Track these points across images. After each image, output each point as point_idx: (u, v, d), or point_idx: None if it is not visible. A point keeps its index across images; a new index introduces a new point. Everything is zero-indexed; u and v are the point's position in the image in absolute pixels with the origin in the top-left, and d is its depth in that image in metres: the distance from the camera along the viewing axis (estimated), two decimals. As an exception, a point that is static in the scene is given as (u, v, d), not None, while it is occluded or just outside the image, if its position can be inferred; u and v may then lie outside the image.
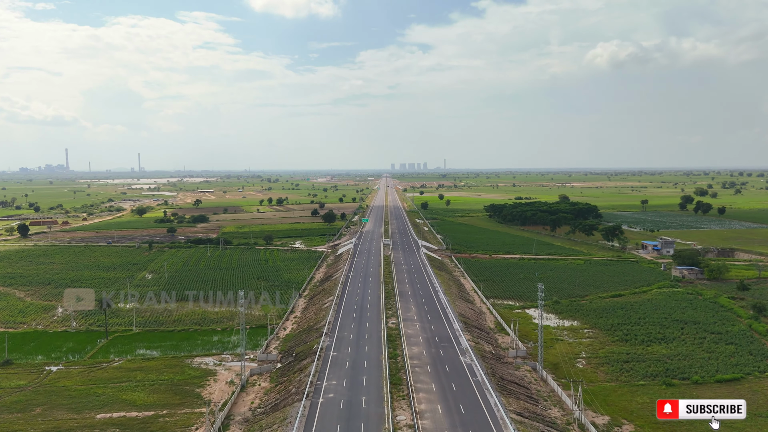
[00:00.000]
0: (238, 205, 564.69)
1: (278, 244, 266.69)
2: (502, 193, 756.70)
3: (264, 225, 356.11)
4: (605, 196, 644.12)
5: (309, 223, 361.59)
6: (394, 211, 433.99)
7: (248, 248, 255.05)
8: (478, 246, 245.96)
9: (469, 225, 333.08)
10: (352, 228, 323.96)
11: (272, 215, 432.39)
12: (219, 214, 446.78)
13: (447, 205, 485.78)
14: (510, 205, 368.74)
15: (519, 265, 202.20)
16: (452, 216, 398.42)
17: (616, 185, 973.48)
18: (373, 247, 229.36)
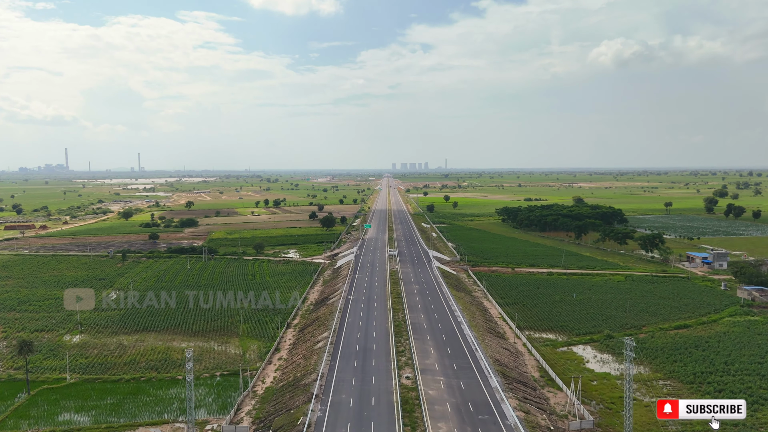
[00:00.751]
0: (232, 206, 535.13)
1: (270, 254, 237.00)
2: (509, 194, 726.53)
3: (257, 230, 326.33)
4: (618, 197, 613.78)
5: (306, 228, 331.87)
6: (398, 214, 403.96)
7: (235, 259, 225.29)
8: (496, 257, 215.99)
9: (481, 231, 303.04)
10: (353, 234, 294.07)
11: (267, 218, 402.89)
12: (210, 217, 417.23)
13: (454, 207, 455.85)
14: (525, 209, 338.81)
15: (549, 281, 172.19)
16: (461, 220, 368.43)
17: (625, 185, 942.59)
18: (377, 259, 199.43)
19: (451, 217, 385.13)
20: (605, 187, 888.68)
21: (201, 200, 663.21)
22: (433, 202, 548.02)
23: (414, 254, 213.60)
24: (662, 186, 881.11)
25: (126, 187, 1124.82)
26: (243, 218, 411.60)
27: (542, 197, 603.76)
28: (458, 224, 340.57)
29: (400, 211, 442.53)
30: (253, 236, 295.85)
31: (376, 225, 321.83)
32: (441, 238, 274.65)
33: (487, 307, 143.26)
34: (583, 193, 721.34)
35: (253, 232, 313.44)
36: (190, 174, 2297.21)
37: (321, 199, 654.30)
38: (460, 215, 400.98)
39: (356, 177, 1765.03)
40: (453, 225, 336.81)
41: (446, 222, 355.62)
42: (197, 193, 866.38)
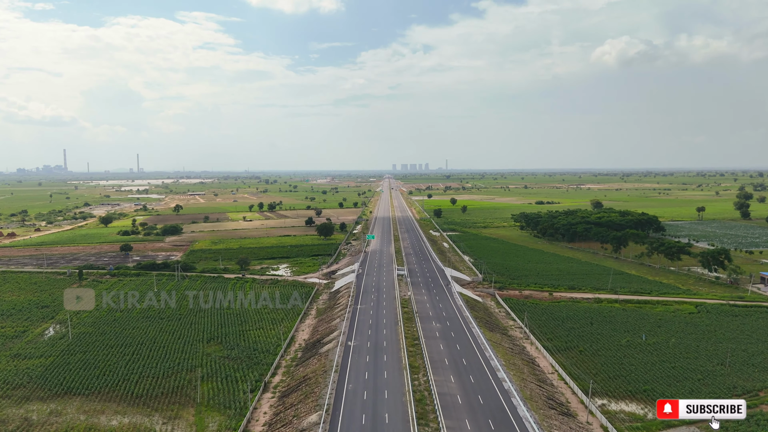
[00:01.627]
0: (224, 210, 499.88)
1: (256, 270, 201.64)
2: (516, 196, 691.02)
3: (246, 239, 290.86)
4: (635, 200, 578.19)
5: (301, 237, 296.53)
6: (404, 220, 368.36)
7: (214, 278, 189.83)
8: (525, 275, 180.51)
9: (500, 241, 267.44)
10: (354, 245, 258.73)
11: (259, 224, 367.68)
12: (198, 223, 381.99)
13: (463, 212, 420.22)
14: (547, 216, 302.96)
15: (600, 312, 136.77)
16: (474, 227, 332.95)
17: (635, 187, 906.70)
18: (383, 281, 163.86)
19: (462, 224, 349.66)
20: (615, 189, 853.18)
21: (193, 203, 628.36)
22: (440, 205, 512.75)
23: (427, 273, 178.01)
24: (674, 188, 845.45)
25: (120, 188, 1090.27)
26: (233, 224, 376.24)
27: (554, 200, 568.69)
28: (471, 232, 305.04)
29: (405, 215, 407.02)
30: (240, 247, 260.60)
31: (379, 233, 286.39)
32: (455, 250, 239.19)
33: (533, 355, 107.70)
34: (596, 195, 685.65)
35: (240, 242, 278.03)
36: (188, 175, 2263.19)
37: (320, 201, 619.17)
38: (471, 221, 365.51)
39: (356, 178, 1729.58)
40: (466, 233, 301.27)
41: (457, 229, 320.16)
42: (191, 195, 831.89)
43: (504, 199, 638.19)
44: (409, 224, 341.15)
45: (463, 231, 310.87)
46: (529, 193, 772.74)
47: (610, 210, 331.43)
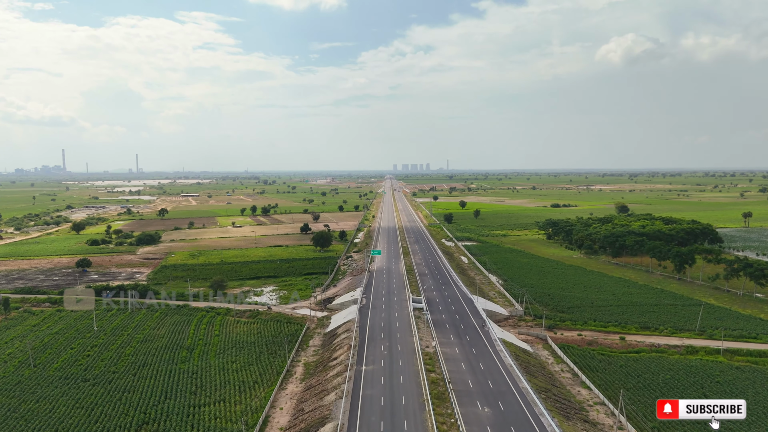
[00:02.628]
0: (214, 214, 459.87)
1: (234, 295, 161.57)
2: (527, 198, 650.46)
3: (229, 251, 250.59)
4: (657, 203, 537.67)
5: (294, 247, 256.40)
6: (411, 227, 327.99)
7: (179, 307, 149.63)
8: (577, 305, 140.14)
9: (527, 254, 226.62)
10: (355, 259, 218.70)
11: (249, 232, 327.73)
12: (181, 230, 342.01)
13: (476, 216, 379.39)
14: (580, 224, 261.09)
15: (702, 371, 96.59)
16: (492, 235, 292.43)
17: (649, 188, 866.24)
18: (394, 319, 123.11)
19: (477, 231, 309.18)
20: (628, 190, 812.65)
21: (184, 206, 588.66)
22: (448, 208, 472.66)
23: (452, 304, 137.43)
24: (693, 189, 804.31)
25: (113, 189, 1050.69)
26: (220, 231, 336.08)
27: (570, 202, 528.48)
28: (491, 242, 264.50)
29: (412, 221, 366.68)
30: (222, 261, 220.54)
31: (385, 244, 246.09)
32: (477, 267, 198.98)
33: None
34: (611, 197, 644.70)
35: (223, 255, 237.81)
36: (187, 176, 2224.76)
37: (318, 204, 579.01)
38: (487, 227, 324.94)
39: (357, 179, 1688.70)
40: (484, 243, 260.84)
41: (473, 238, 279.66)
42: (185, 196, 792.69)
43: (515, 201, 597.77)
44: (418, 232, 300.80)
45: (481, 240, 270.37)
46: (538, 194, 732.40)
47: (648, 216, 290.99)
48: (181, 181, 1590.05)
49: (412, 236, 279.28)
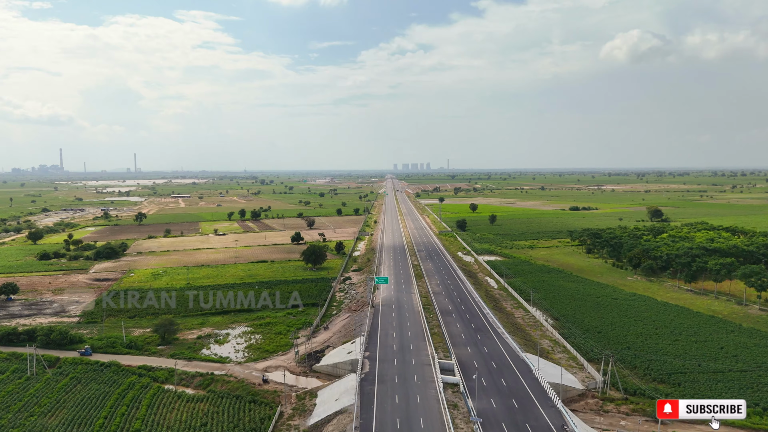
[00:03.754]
0: (198, 218, 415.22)
1: (187, 343, 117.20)
2: (540, 199, 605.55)
3: (201, 268, 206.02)
4: (685, 205, 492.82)
5: (281, 263, 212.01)
6: (420, 237, 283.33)
7: (104, 367, 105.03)
8: (680, 372, 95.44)
9: (569, 275, 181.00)
10: (354, 282, 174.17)
11: (232, 241, 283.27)
12: (155, 238, 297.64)
13: (492, 222, 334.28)
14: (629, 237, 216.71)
15: None
16: (515, 246, 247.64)
17: (664, 188, 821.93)
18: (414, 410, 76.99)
19: (497, 241, 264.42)
20: (643, 191, 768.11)
21: (171, 208, 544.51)
22: (458, 212, 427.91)
23: (499, 373, 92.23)
24: (713, 190, 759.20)
25: (104, 189, 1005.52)
26: (199, 240, 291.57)
27: (590, 205, 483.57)
28: (518, 256, 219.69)
29: (420, 228, 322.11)
30: (188, 284, 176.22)
31: (391, 262, 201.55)
32: (510, 294, 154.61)
33: None
34: (631, 198, 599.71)
35: (191, 274, 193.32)
36: (184, 175, 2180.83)
37: (315, 206, 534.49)
38: (507, 236, 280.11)
39: (357, 178, 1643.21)
40: (511, 258, 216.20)
41: (495, 251, 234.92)
42: (175, 197, 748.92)
43: (526, 203, 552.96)
44: (429, 243, 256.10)
45: (506, 254, 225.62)
46: (549, 195, 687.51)
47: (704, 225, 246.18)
48: (177, 181, 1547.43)
49: (422, 249, 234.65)
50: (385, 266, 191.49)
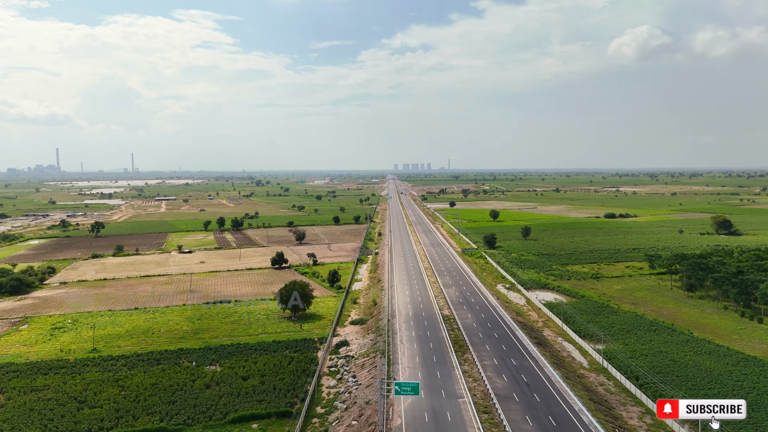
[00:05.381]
0: (171, 228, 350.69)
1: None
2: (561, 203, 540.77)
3: (131, 315, 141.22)
4: (736, 211, 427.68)
5: (248, 305, 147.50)
6: (441, 259, 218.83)
7: None
8: None
9: (695, 340, 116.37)
10: (352, 362, 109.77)
11: (196, 263, 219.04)
12: (102, 257, 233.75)
13: (525, 236, 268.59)
14: (752, 266, 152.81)
15: None
16: (571, 274, 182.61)
17: (692, 191, 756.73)
18: None
19: (544, 265, 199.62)
20: (670, 193, 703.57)
21: (148, 213, 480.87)
22: (476, 219, 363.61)
23: None
24: (743, 193, 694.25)
25: (89, 191, 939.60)
26: (154, 262, 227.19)
27: (626, 211, 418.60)
28: (585, 293, 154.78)
29: (436, 244, 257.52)
30: (93, 351, 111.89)
31: (410, 313, 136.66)
32: (618, 383, 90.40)
33: None
34: (658, 201, 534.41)
35: (110, 329, 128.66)
36: (181, 176, 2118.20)
37: (309, 211, 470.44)
38: (553, 258, 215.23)
39: (357, 179, 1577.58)
40: (578, 297, 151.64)
41: (548, 282, 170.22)
42: (159, 200, 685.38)
43: (549, 208, 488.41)
44: (455, 270, 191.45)
45: (565, 289, 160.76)
46: (570, 198, 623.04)
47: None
48: (171, 182, 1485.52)
49: (449, 281, 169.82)
50: (403, 320, 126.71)
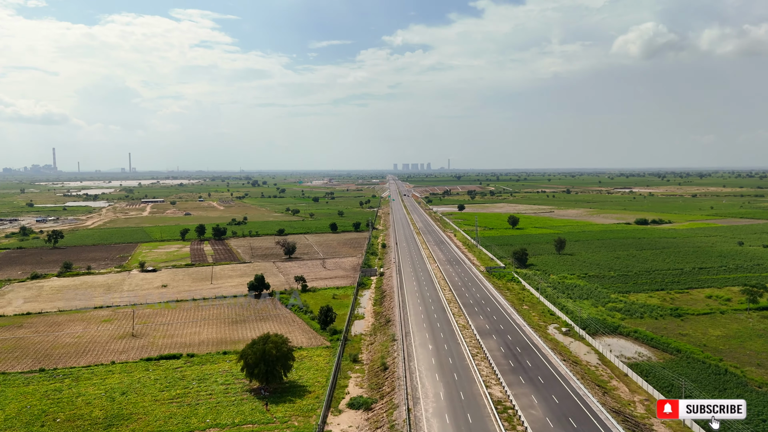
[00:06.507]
0: (144, 236, 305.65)
1: None
2: (578, 207, 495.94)
3: (25, 388, 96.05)
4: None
5: (203, 369, 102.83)
6: (467, 287, 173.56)
7: None
8: None
9: None
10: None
11: (156, 288, 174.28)
12: (42, 279, 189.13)
13: (559, 250, 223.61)
14: None
15: None
16: (639, 309, 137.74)
17: (712, 192, 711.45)
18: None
19: (594, 292, 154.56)
20: (690, 195, 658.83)
21: (124, 219, 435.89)
22: (493, 226, 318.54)
23: None
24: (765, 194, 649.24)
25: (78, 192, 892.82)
26: (104, 284, 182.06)
27: (659, 216, 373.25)
28: (672, 342, 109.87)
29: (456, 262, 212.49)
30: None
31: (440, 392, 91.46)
32: None
33: None
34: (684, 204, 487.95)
35: None
36: (178, 176, 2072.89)
37: (305, 215, 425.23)
38: (605, 281, 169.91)
39: (357, 179, 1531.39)
40: (669, 352, 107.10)
41: (615, 323, 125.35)
42: (145, 203, 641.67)
43: (568, 212, 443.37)
44: (487, 301, 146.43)
45: (644, 336, 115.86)
46: (586, 201, 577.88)
47: None
48: (165, 182, 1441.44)
49: (484, 326, 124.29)
50: (431, 407, 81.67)
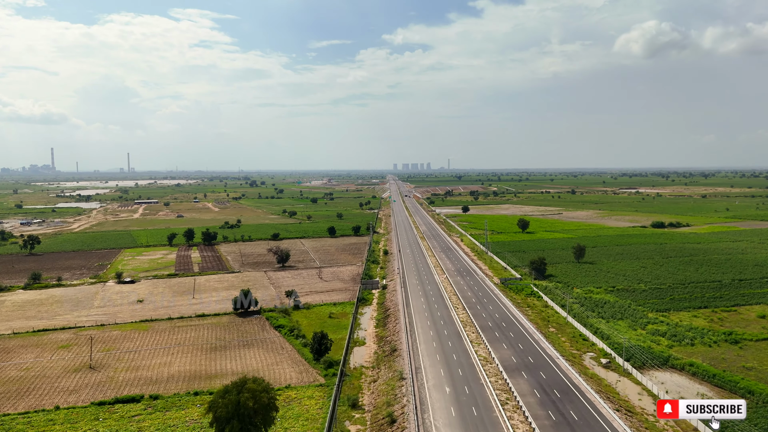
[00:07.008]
0: (130, 241, 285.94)
1: None
2: (588, 209, 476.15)
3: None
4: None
5: (164, 418, 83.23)
6: (483, 305, 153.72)
7: None
8: None
9: None
10: None
11: (130, 303, 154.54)
12: (5, 292, 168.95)
13: (578, 258, 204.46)
14: None
15: None
16: (688, 330, 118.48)
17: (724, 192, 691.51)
18: None
19: (631, 311, 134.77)
20: (700, 195, 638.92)
21: (112, 221, 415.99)
22: (502, 230, 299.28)
23: None
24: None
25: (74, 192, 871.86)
26: (74, 299, 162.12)
27: (676, 219, 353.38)
28: (751, 386, 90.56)
29: (467, 273, 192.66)
30: None
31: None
32: None
33: None
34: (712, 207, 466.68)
35: None
36: (176, 176, 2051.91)
37: (302, 217, 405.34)
38: (635, 294, 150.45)
39: (356, 179, 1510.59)
40: (741, 391, 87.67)
41: (663, 349, 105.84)
42: (138, 204, 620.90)
43: (577, 214, 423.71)
44: (509, 323, 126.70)
45: (702, 371, 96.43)
46: (593, 202, 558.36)
47: None
48: (163, 182, 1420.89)
49: (509, 359, 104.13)
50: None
